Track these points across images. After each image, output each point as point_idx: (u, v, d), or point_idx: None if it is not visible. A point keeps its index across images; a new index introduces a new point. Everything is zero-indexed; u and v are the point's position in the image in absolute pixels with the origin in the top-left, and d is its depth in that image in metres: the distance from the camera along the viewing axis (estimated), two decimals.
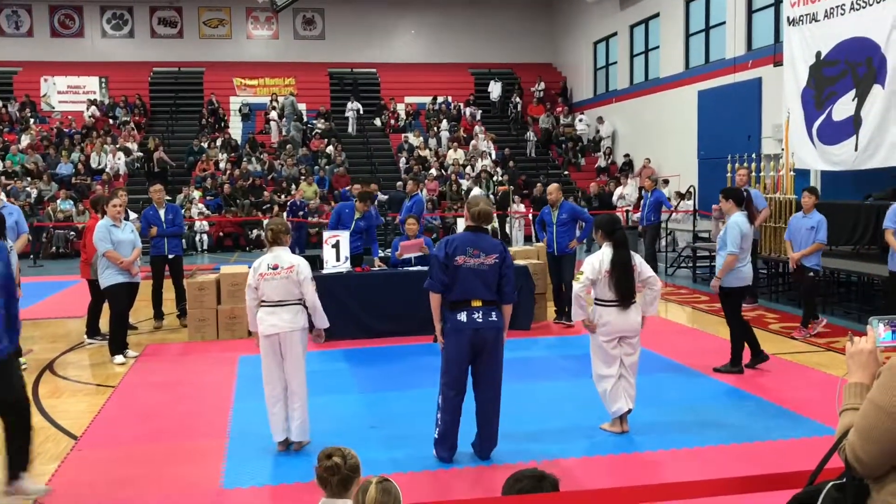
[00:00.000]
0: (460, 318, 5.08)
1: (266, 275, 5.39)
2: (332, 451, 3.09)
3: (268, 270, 5.39)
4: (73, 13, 28.45)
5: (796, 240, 8.96)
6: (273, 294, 5.38)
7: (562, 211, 9.64)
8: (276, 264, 5.39)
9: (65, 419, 6.35)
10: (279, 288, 5.37)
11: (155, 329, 10.08)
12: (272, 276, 5.38)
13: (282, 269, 5.37)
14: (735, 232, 7.13)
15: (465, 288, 5.07)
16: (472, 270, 5.07)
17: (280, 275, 5.37)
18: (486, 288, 5.10)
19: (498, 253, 5.14)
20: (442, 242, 5.22)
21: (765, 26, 18.30)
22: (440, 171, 23.60)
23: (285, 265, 5.39)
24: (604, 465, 5.17)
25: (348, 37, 29.55)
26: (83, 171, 22.61)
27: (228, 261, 17.39)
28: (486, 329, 5.08)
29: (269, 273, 5.38)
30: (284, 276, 5.37)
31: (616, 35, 25.75)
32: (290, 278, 5.37)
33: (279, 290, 5.38)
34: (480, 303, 5.08)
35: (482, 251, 5.09)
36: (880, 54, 12.02)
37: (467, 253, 5.08)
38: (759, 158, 12.47)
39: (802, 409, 6.14)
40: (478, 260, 5.08)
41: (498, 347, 5.16)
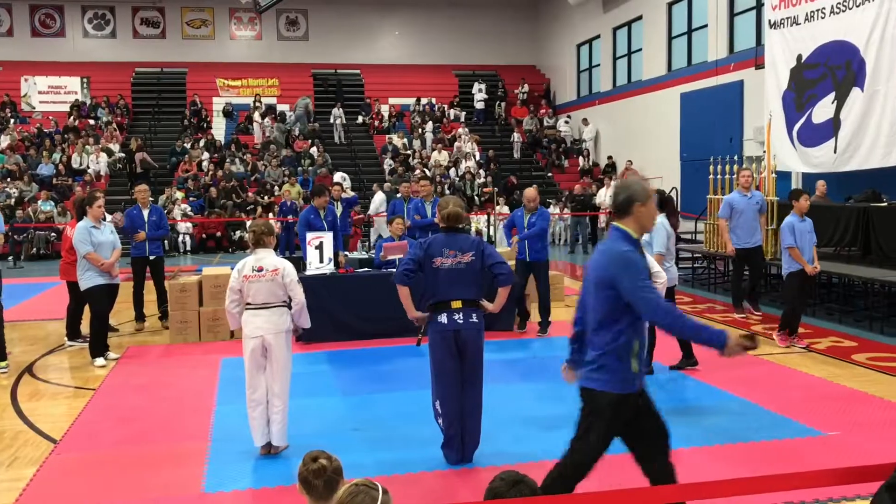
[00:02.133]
0: (441, 319, 5.11)
1: (250, 277, 5.35)
2: (318, 454, 3.08)
3: (252, 272, 5.36)
4: (53, 13, 28.22)
5: (802, 245, 8.59)
6: (257, 296, 5.34)
7: (536, 216, 9.24)
8: (261, 266, 5.35)
9: (44, 422, 6.28)
10: (263, 290, 5.34)
11: (136, 331, 10.00)
12: (256, 278, 5.34)
13: (266, 272, 5.34)
14: (662, 233, 7.16)
15: (445, 289, 5.10)
16: (450, 271, 5.11)
17: (265, 277, 5.33)
18: (466, 288, 5.12)
19: (474, 250, 5.16)
20: (418, 243, 5.31)
21: (746, 29, 18.43)
22: (423, 173, 23.57)
23: (270, 268, 5.35)
24: None
25: (332, 38, 29.48)
26: (64, 171, 22.41)
27: (211, 262, 17.29)
28: (466, 330, 5.10)
29: (254, 275, 5.35)
30: (269, 279, 5.33)
31: (599, 37, 25.85)
32: (276, 281, 5.35)
33: (263, 293, 5.34)
34: (460, 304, 5.10)
35: (458, 250, 5.13)
36: (859, 57, 12.13)
37: (443, 254, 5.12)
38: (740, 160, 12.57)
39: (785, 411, 6.17)
40: (455, 259, 5.11)
41: (479, 348, 5.18)
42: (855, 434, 5.61)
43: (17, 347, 9.11)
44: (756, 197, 10.22)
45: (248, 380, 5.43)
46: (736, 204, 10.10)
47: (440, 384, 5.19)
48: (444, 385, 5.17)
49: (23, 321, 10.72)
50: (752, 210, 10.09)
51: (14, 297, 11.99)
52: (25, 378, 7.77)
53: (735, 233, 10.14)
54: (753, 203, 10.11)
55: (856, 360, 7.90)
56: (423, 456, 5.34)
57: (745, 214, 10.05)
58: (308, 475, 3.03)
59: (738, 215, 10.09)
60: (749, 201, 10.08)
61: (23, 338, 9.69)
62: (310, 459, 3.06)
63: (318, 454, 3.08)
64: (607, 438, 3.72)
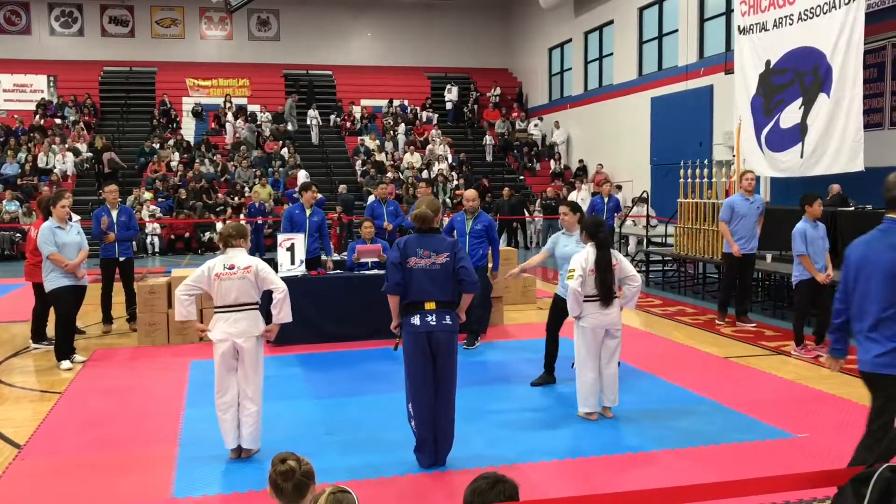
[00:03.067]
0: (414, 321, 5.08)
1: (222, 275, 5.25)
2: (287, 456, 3.04)
3: (224, 270, 5.26)
4: (19, 10, 27.75)
5: (814, 252, 8.26)
6: (228, 295, 5.25)
7: (478, 221, 8.73)
8: (233, 264, 5.28)
9: (7, 427, 6.14)
10: (235, 288, 5.25)
11: (104, 333, 9.84)
12: (228, 276, 5.25)
13: (238, 269, 5.26)
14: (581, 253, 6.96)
15: (418, 289, 5.08)
16: (424, 271, 5.09)
17: (236, 275, 5.25)
18: (439, 289, 5.10)
19: (448, 251, 5.13)
20: (395, 245, 5.23)
21: (716, 35, 18.64)
22: (396, 175, 23.53)
23: (242, 265, 5.27)
24: (561, 469, 5.16)
25: (304, 38, 29.32)
26: (30, 171, 22.03)
27: (180, 264, 17.09)
28: (439, 332, 5.07)
29: (226, 273, 5.25)
30: (241, 277, 5.25)
31: (571, 41, 25.99)
32: (247, 278, 5.26)
33: (235, 291, 5.25)
34: (434, 305, 5.08)
35: (433, 251, 5.11)
36: (826, 63, 12.29)
37: (418, 254, 5.10)
38: (710, 165, 12.67)
39: (756, 413, 6.22)
40: (429, 260, 5.09)
41: (452, 351, 5.16)
42: (825, 436, 5.67)
43: None
44: (757, 201, 9.95)
45: (217, 382, 5.32)
46: (738, 207, 9.79)
47: (412, 386, 5.17)
48: (416, 388, 5.14)
49: None
50: (754, 214, 9.82)
51: None
52: None
53: (734, 236, 9.84)
54: (755, 207, 9.84)
55: (823, 363, 7.98)
56: (395, 459, 5.30)
57: (747, 218, 9.76)
58: (276, 477, 2.99)
59: (738, 219, 9.78)
60: (751, 205, 9.81)
61: None
62: (278, 461, 3.02)
63: (286, 456, 3.04)
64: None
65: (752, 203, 9.80)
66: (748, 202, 9.79)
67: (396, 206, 11.42)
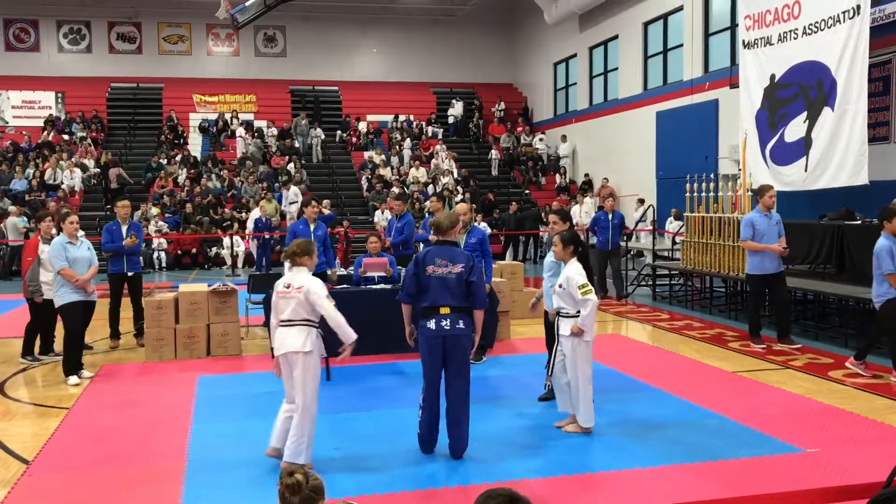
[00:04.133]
0: (430, 325, 5.47)
1: (280, 293, 5.48)
2: (294, 469, 3.04)
3: (283, 289, 5.48)
4: (28, 27, 27.98)
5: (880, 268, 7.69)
6: (284, 312, 5.43)
7: (471, 235, 8.53)
8: (289, 283, 5.46)
9: (16, 443, 6.15)
10: (289, 307, 5.40)
11: (111, 349, 9.85)
12: (284, 294, 5.45)
13: (293, 289, 5.41)
14: None
15: (434, 296, 5.48)
16: (440, 279, 5.49)
17: (290, 294, 5.40)
18: (453, 296, 5.48)
19: (464, 263, 5.54)
20: (415, 258, 5.64)
21: (721, 49, 18.69)
22: (402, 190, 23.58)
23: (296, 285, 5.41)
24: (570, 485, 5.14)
25: (310, 54, 29.48)
26: (37, 187, 22.14)
27: (187, 279, 17.13)
28: (452, 336, 5.45)
29: (283, 291, 5.47)
30: (293, 296, 5.38)
31: (576, 56, 26.08)
32: (297, 298, 5.37)
33: (288, 309, 5.41)
34: (448, 310, 5.46)
35: (450, 261, 5.54)
36: (831, 77, 12.32)
37: (436, 263, 5.53)
38: (716, 178, 12.66)
39: (765, 428, 6.19)
40: (445, 269, 5.51)
41: (464, 353, 5.52)
42: (835, 451, 5.63)
43: None
44: (775, 217, 9.51)
45: (285, 389, 5.55)
46: (758, 224, 9.35)
47: (424, 384, 5.57)
48: (426, 390, 5.56)
49: None
50: (774, 231, 9.38)
51: None
52: None
53: (756, 256, 9.39)
54: (774, 224, 9.43)
55: (832, 377, 7.96)
56: (404, 475, 5.29)
57: (768, 237, 9.32)
58: (284, 491, 2.98)
59: (760, 237, 9.33)
60: (770, 221, 9.41)
61: None
62: (286, 475, 3.02)
63: (294, 469, 3.04)
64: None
65: (770, 219, 9.45)
66: (767, 218, 9.42)
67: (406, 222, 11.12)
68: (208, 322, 9.33)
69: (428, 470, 5.40)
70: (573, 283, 6.00)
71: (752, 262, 9.50)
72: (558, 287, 6.13)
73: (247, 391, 7.73)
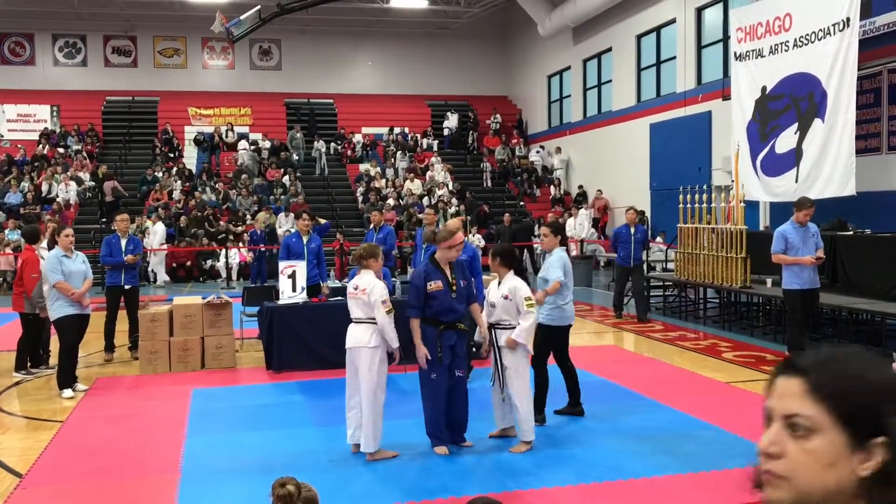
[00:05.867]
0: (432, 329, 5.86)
1: (350, 294, 6.01)
2: (287, 480, 3.04)
3: (352, 290, 5.99)
4: (23, 41, 28.03)
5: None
6: (353, 311, 5.96)
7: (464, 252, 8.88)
8: (357, 285, 5.95)
9: (9, 456, 6.14)
10: (356, 306, 5.92)
11: (106, 361, 9.85)
12: (353, 295, 5.95)
13: (359, 290, 5.90)
14: (559, 265, 6.69)
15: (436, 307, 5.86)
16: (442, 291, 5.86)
17: (357, 295, 5.89)
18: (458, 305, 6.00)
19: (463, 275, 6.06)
20: (419, 273, 5.97)
21: (714, 62, 18.81)
22: (397, 202, 23.64)
23: (362, 286, 5.90)
24: (563, 496, 5.15)
25: (305, 67, 29.57)
26: (32, 200, 22.14)
27: (181, 292, 17.12)
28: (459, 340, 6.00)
29: (352, 293, 5.98)
30: (359, 297, 5.88)
31: (569, 69, 26.21)
32: (362, 299, 5.86)
33: (356, 308, 5.93)
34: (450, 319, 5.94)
35: None
36: (821, 89, 12.41)
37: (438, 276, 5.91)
38: (709, 190, 12.73)
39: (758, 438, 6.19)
40: None
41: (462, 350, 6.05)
42: None
43: None
44: (812, 229, 8.91)
45: (347, 383, 6.03)
46: (791, 236, 8.80)
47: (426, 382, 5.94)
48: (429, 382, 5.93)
49: None
50: (810, 244, 8.81)
51: None
52: None
53: (791, 269, 8.84)
54: (810, 236, 8.85)
55: None
56: (397, 486, 5.30)
57: (803, 249, 8.76)
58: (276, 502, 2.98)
59: (793, 251, 8.77)
60: (805, 234, 8.83)
61: None
62: (278, 485, 3.02)
63: (286, 480, 3.03)
64: None
65: (806, 231, 8.83)
66: (802, 230, 8.82)
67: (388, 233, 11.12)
68: (203, 335, 9.33)
69: (419, 482, 5.41)
70: (520, 294, 5.98)
71: (787, 276, 8.91)
72: (503, 298, 6.04)
73: (241, 404, 7.73)
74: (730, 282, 11.45)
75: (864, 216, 12.37)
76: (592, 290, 17.48)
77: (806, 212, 8.82)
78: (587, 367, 9.08)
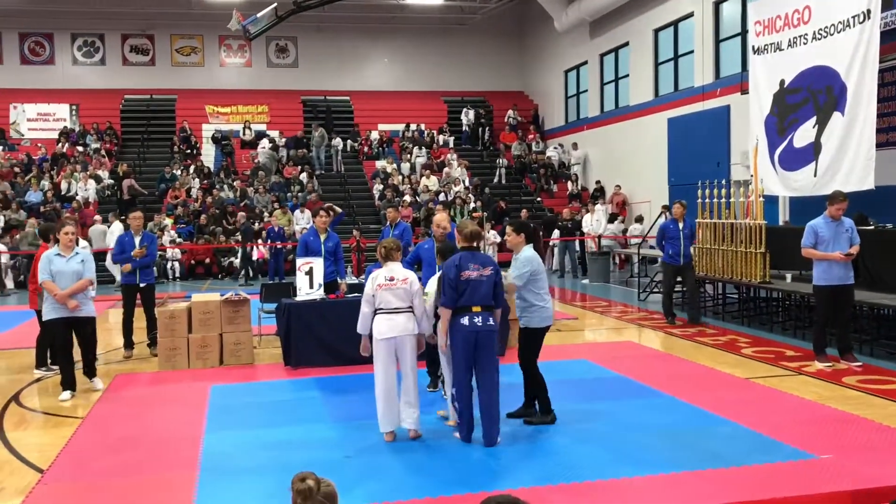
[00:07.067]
0: (464, 322, 6.02)
1: (384, 285, 6.16)
2: (307, 475, 3.03)
3: (385, 281, 6.17)
4: (43, 40, 28.28)
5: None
6: (391, 302, 6.15)
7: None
8: (392, 276, 6.19)
9: (30, 452, 6.20)
10: (395, 296, 6.14)
11: (125, 358, 9.92)
12: (389, 286, 6.15)
13: (397, 281, 6.18)
14: (526, 267, 6.45)
15: (469, 296, 6.03)
16: (474, 282, 6.05)
17: (396, 285, 6.15)
18: (483, 296, 6.09)
19: (492, 266, 6.20)
20: (451, 265, 6.07)
21: (732, 55, 18.66)
22: (414, 198, 23.63)
23: (400, 277, 6.20)
24: (578, 492, 5.13)
25: (321, 65, 29.64)
26: (52, 198, 22.34)
27: (200, 289, 17.21)
28: (485, 331, 6.05)
29: (387, 284, 6.16)
30: (399, 287, 6.15)
31: (586, 63, 26.10)
32: (405, 289, 6.16)
33: (395, 299, 6.15)
34: (480, 308, 6.06)
35: (480, 265, 6.12)
36: (840, 82, 12.27)
37: (469, 268, 6.07)
38: (728, 184, 12.62)
39: (777, 434, 6.16)
40: (478, 272, 6.07)
41: (493, 345, 6.13)
42: (849, 457, 5.60)
43: (4, 376, 9.04)
44: (846, 224, 8.63)
45: (379, 375, 6.17)
46: (822, 231, 8.57)
47: (457, 374, 6.12)
48: (460, 375, 6.10)
49: (9, 349, 10.62)
50: (843, 239, 8.54)
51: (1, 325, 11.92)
52: (12, 407, 7.68)
53: (821, 265, 8.63)
54: (843, 231, 8.57)
55: (845, 383, 7.91)
56: (415, 483, 5.29)
57: (834, 245, 8.53)
58: (295, 497, 2.98)
59: (824, 245, 8.55)
60: (838, 228, 8.56)
61: (9, 366, 9.60)
62: (298, 480, 3.01)
63: (306, 475, 3.03)
64: None
65: (839, 225, 8.59)
66: (834, 225, 8.58)
67: (404, 229, 11.13)
68: (221, 331, 9.38)
69: (437, 477, 5.40)
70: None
71: (817, 272, 8.69)
72: None
73: (259, 400, 7.75)
74: (749, 277, 11.36)
75: (884, 211, 12.23)
76: (610, 287, 17.41)
77: (838, 206, 8.58)
78: (605, 363, 9.06)
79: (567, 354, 9.60)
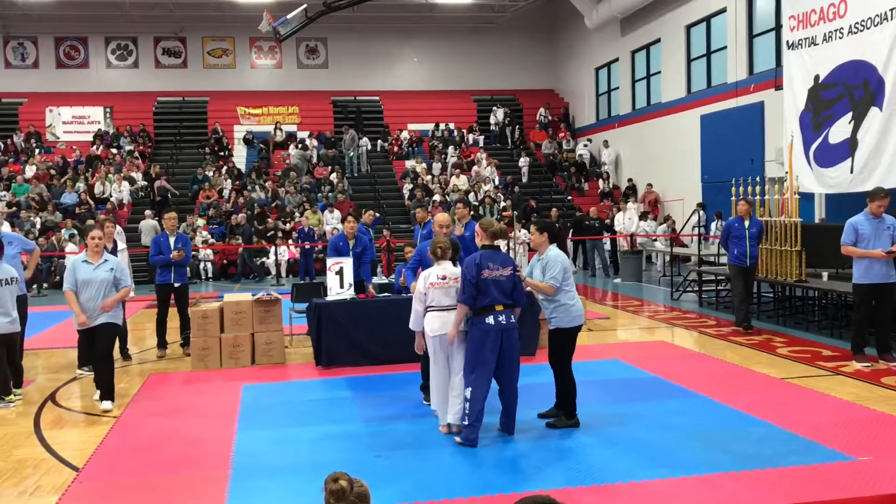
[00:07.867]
0: (488, 321, 6.06)
1: (436, 283, 6.28)
2: (339, 476, 3.02)
3: (437, 280, 6.29)
4: (78, 44, 28.73)
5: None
6: (443, 300, 6.27)
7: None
8: (445, 275, 6.31)
9: (66, 450, 6.29)
10: (447, 295, 6.26)
11: (158, 358, 10.03)
12: (441, 285, 6.28)
13: (450, 279, 6.28)
14: (557, 267, 6.41)
15: (490, 296, 6.08)
16: (494, 281, 6.10)
17: (448, 283, 6.26)
18: (504, 295, 6.15)
19: (511, 266, 6.24)
20: (471, 263, 6.09)
21: (766, 50, 18.40)
22: (444, 198, 23.62)
23: (452, 276, 6.29)
24: (615, 494, 5.08)
25: (351, 65, 29.77)
26: (87, 200, 22.67)
27: (232, 289, 17.36)
28: (508, 329, 6.13)
29: (439, 282, 6.28)
30: (452, 286, 6.25)
31: (617, 61, 25.90)
32: (456, 287, 6.23)
33: (447, 298, 6.26)
34: (501, 307, 6.12)
35: (500, 265, 6.17)
36: (878, 77, 12.04)
37: (489, 267, 6.11)
38: (762, 181, 12.44)
39: (813, 435, 6.05)
40: (498, 272, 6.13)
41: (516, 342, 6.22)
42: (888, 459, 5.48)
43: (40, 375, 9.18)
44: (888, 221, 8.42)
45: (432, 370, 6.40)
46: (862, 228, 8.40)
47: (478, 371, 6.06)
48: (480, 373, 6.06)
49: (46, 349, 10.79)
50: (885, 237, 8.34)
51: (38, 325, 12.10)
52: (48, 406, 7.80)
53: (861, 263, 8.42)
54: (885, 228, 8.37)
55: (884, 383, 7.76)
56: (445, 482, 5.28)
57: (875, 242, 8.34)
58: (329, 497, 2.97)
59: (864, 243, 8.37)
60: (880, 225, 8.38)
61: (46, 365, 9.75)
62: (331, 480, 3.00)
63: (339, 476, 3.02)
64: None
65: (881, 222, 8.41)
66: (876, 222, 8.40)
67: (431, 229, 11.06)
68: (253, 331, 9.44)
69: (468, 478, 5.38)
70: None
71: (857, 270, 8.50)
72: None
73: (291, 399, 7.79)
74: (784, 276, 11.19)
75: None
76: (643, 286, 17.26)
77: (879, 203, 8.41)
78: (638, 363, 8.97)
79: (599, 354, 9.53)
